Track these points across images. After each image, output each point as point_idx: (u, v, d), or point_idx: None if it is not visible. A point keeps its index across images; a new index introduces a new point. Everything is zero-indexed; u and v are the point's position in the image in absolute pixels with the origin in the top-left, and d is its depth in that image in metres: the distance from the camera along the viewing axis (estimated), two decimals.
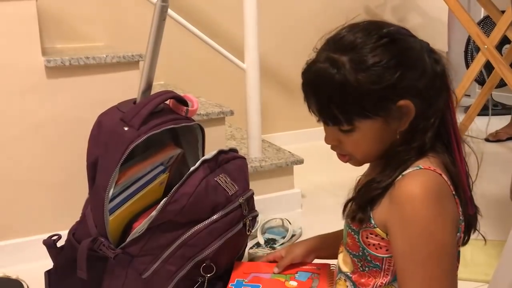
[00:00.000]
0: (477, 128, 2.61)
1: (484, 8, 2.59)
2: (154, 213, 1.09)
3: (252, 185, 1.27)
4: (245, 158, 1.28)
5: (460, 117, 2.75)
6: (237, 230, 1.16)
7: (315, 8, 2.73)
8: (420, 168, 0.85)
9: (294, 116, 2.74)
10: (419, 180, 0.83)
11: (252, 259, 1.32)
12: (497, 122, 2.86)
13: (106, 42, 2.15)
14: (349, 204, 0.92)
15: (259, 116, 1.95)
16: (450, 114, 0.90)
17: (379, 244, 0.88)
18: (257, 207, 1.26)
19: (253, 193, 1.24)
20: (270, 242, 1.67)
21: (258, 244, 1.65)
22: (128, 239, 1.13)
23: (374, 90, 0.83)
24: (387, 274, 0.90)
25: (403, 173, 0.85)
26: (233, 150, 1.26)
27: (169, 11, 1.73)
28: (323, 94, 0.86)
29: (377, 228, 0.87)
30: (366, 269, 0.92)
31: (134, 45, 1.73)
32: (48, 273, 1.26)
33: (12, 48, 1.55)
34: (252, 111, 1.94)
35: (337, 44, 0.86)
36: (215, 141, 1.66)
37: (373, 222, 0.87)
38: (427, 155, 0.87)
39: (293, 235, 1.71)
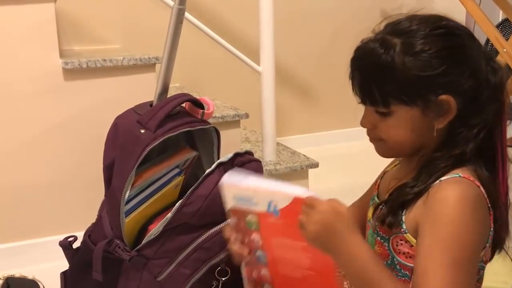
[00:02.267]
0: None
1: (502, 11, 2.56)
2: (169, 215, 1.09)
3: None
4: (260, 162, 1.28)
5: None
6: None
7: (331, 11, 2.72)
8: (460, 176, 0.83)
9: (309, 119, 2.73)
10: (456, 187, 0.82)
11: None
12: None
13: (123, 44, 2.16)
14: (380, 207, 0.90)
15: (274, 119, 1.95)
16: (500, 130, 0.87)
17: (408, 252, 0.86)
18: None
19: None
20: None
21: None
22: (143, 242, 1.12)
23: (417, 76, 0.82)
24: None
25: (441, 179, 0.83)
26: (249, 153, 1.25)
27: (186, 14, 1.74)
28: (367, 71, 0.86)
29: (408, 234, 0.85)
30: None
31: (151, 48, 1.75)
32: (63, 274, 1.27)
33: (31, 50, 1.58)
34: (267, 114, 1.94)
35: (393, 28, 0.87)
36: (230, 144, 1.67)
37: (404, 227, 0.85)
38: (466, 166, 0.85)
39: None
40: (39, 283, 1.48)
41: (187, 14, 1.70)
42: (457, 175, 0.83)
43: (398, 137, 0.87)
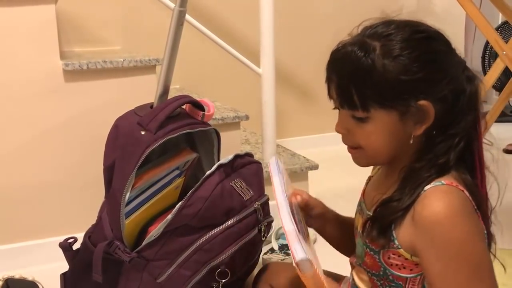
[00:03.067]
0: (495, 135, 2.56)
1: (502, 14, 2.56)
2: (169, 216, 1.10)
3: (266, 190, 1.27)
4: (260, 163, 1.28)
5: None
6: (252, 236, 1.16)
7: (331, 13, 2.72)
8: (443, 184, 0.81)
9: (309, 121, 2.73)
10: (443, 198, 0.80)
11: (266, 265, 1.31)
12: None
13: (123, 46, 2.16)
14: (367, 224, 0.88)
15: (274, 121, 1.94)
16: (477, 138, 0.86)
17: (402, 264, 0.85)
18: (271, 213, 1.26)
19: (268, 199, 1.24)
20: (284, 248, 1.66)
21: (272, 250, 1.65)
22: (143, 243, 1.13)
23: (397, 79, 0.81)
24: None
25: (425, 188, 0.82)
26: (249, 155, 1.25)
27: (186, 15, 1.73)
28: (346, 74, 0.84)
29: (401, 249, 0.84)
30: None
31: (151, 49, 1.74)
32: (63, 276, 1.27)
33: (31, 52, 1.57)
34: (267, 115, 1.93)
35: (372, 31, 0.85)
36: (230, 146, 1.66)
37: (396, 243, 0.84)
38: (450, 173, 0.84)
39: None
40: (38, 285, 1.47)
41: (187, 16, 1.70)
42: (440, 183, 0.82)
43: (375, 143, 0.86)
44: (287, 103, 2.63)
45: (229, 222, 1.11)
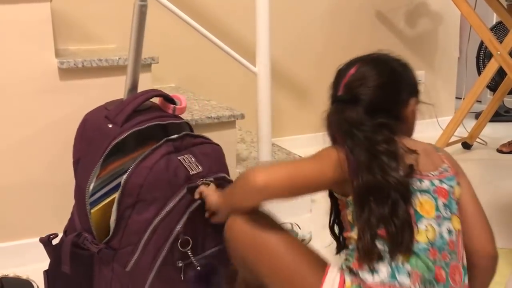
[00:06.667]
0: (489, 135, 2.50)
1: (496, 14, 2.53)
2: (118, 191, 1.10)
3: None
4: (217, 145, 1.27)
5: (471, 123, 2.65)
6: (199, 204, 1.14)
7: (327, 13, 2.70)
8: None
9: (304, 120, 2.70)
10: None
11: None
12: (509, 129, 2.77)
13: (118, 44, 2.13)
14: None
15: (269, 120, 1.92)
16: None
17: None
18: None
19: (223, 176, 1.22)
20: None
21: None
22: (110, 233, 1.13)
23: None
24: None
25: None
26: (204, 137, 1.25)
27: (182, 14, 1.72)
28: None
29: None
30: None
31: (146, 48, 1.75)
32: (46, 272, 1.26)
33: (26, 50, 1.57)
34: (263, 114, 1.91)
35: None
36: (225, 144, 1.60)
37: None
38: None
39: (302, 240, 1.69)
40: (33, 283, 1.46)
41: (183, 15, 1.70)
42: None
43: None
44: (283, 102, 2.61)
45: (177, 199, 1.11)
